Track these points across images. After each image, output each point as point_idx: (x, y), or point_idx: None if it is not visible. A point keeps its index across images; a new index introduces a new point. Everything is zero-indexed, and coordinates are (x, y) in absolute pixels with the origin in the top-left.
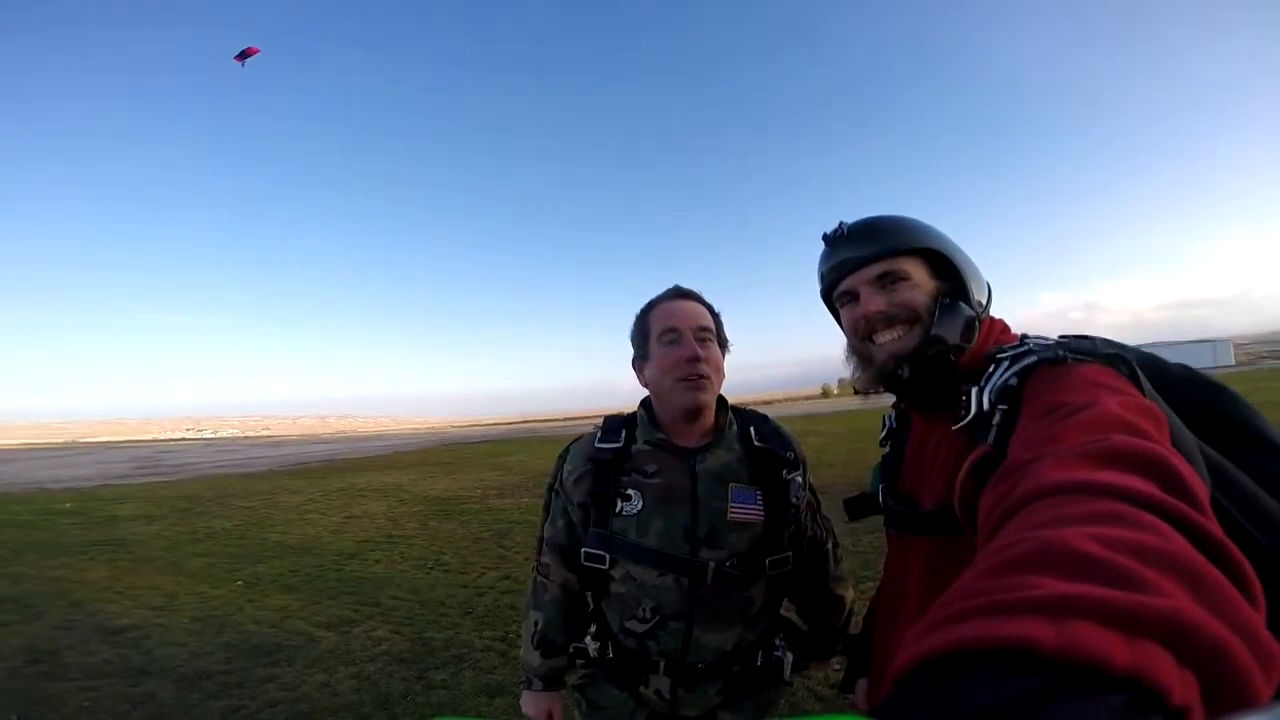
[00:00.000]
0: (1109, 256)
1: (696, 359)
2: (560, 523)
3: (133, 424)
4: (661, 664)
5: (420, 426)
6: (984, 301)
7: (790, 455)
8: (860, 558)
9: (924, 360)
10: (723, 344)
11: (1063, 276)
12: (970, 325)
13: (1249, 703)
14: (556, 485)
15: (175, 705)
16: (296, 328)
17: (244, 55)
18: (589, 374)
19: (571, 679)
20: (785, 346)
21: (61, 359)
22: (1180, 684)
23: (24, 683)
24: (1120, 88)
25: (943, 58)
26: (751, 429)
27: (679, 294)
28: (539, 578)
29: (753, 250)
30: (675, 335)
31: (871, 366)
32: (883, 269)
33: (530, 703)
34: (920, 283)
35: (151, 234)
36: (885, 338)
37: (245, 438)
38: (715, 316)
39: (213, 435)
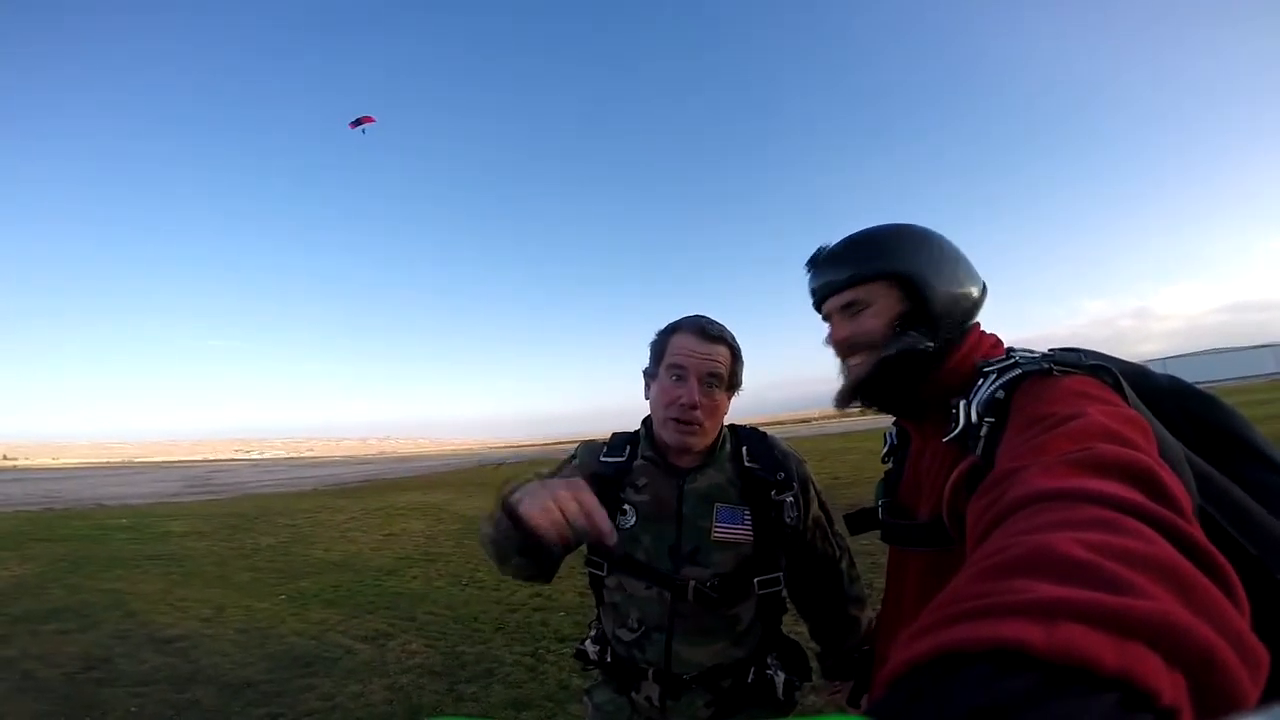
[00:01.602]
0: (1158, 261)
1: (694, 406)
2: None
3: (185, 445)
4: (650, 671)
5: (459, 448)
6: (968, 306)
7: (780, 476)
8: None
9: (875, 385)
10: (734, 385)
11: (1109, 284)
12: (912, 356)
13: (1236, 703)
14: (569, 465)
15: (217, 712)
16: (340, 352)
17: (359, 123)
18: (625, 395)
19: (583, 684)
20: (825, 361)
21: (120, 382)
22: (1170, 684)
23: (77, 688)
24: (1166, 84)
25: (978, 58)
26: (744, 449)
27: (703, 333)
28: None
29: (793, 260)
30: (682, 374)
31: (844, 386)
32: (848, 298)
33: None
34: (883, 309)
35: (197, 259)
36: (853, 362)
37: (290, 459)
38: (735, 358)
39: (259, 456)
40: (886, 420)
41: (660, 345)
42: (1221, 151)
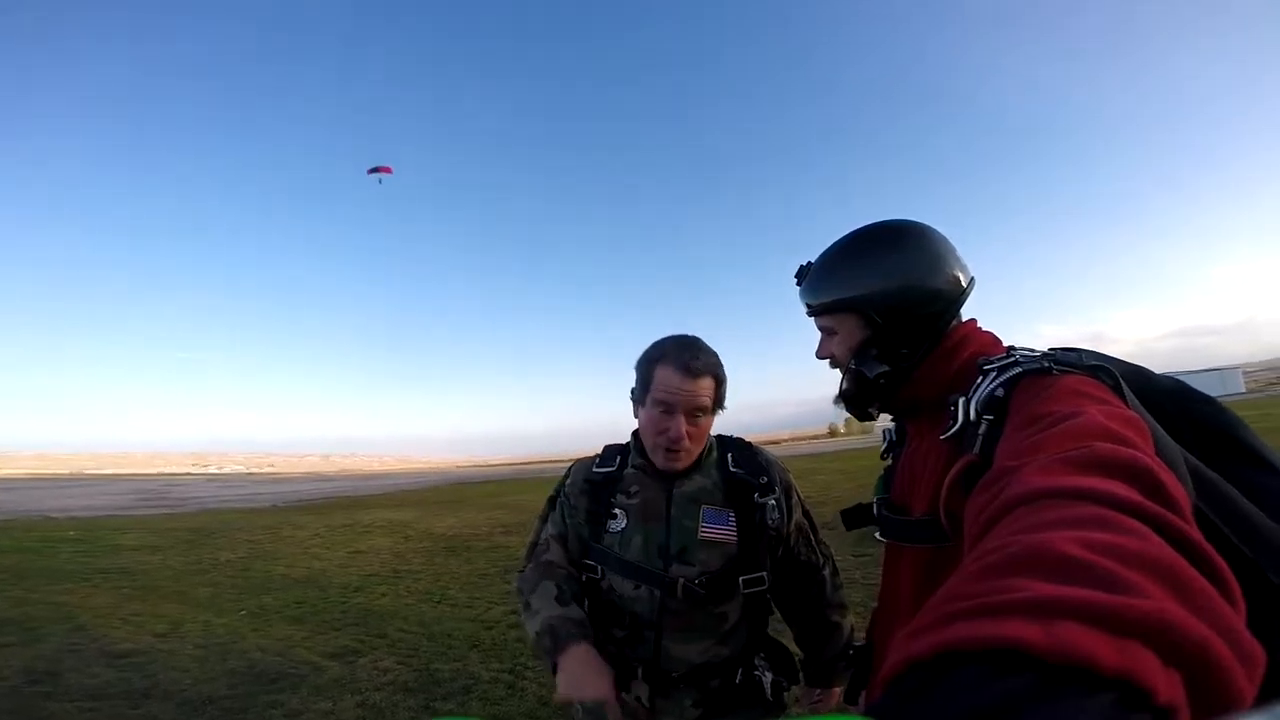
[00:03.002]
0: (1110, 286)
1: (680, 439)
2: (566, 523)
3: (138, 457)
4: (640, 669)
5: (425, 466)
6: (942, 307)
7: (763, 480)
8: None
9: (854, 402)
10: (718, 407)
11: (1063, 308)
12: (864, 383)
13: (1232, 701)
14: (560, 495)
15: None
16: (303, 365)
17: (376, 170)
18: (595, 414)
19: None
20: (790, 385)
21: (67, 390)
22: (1166, 683)
23: (24, 701)
24: (1109, 111)
25: (922, 85)
26: (729, 456)
27: (688, 370)
28: (542, 562)
29: (757, 287)
30: (669, 409)
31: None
32: (820, 324)
33: (583, 657)
34: (845, 338)
35: (154, 266)
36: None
37: (250, 474)
38: (719, 384)
39: (218, 471)
40: (852, 443)
41: (646, 375)
42: (1172, 179)
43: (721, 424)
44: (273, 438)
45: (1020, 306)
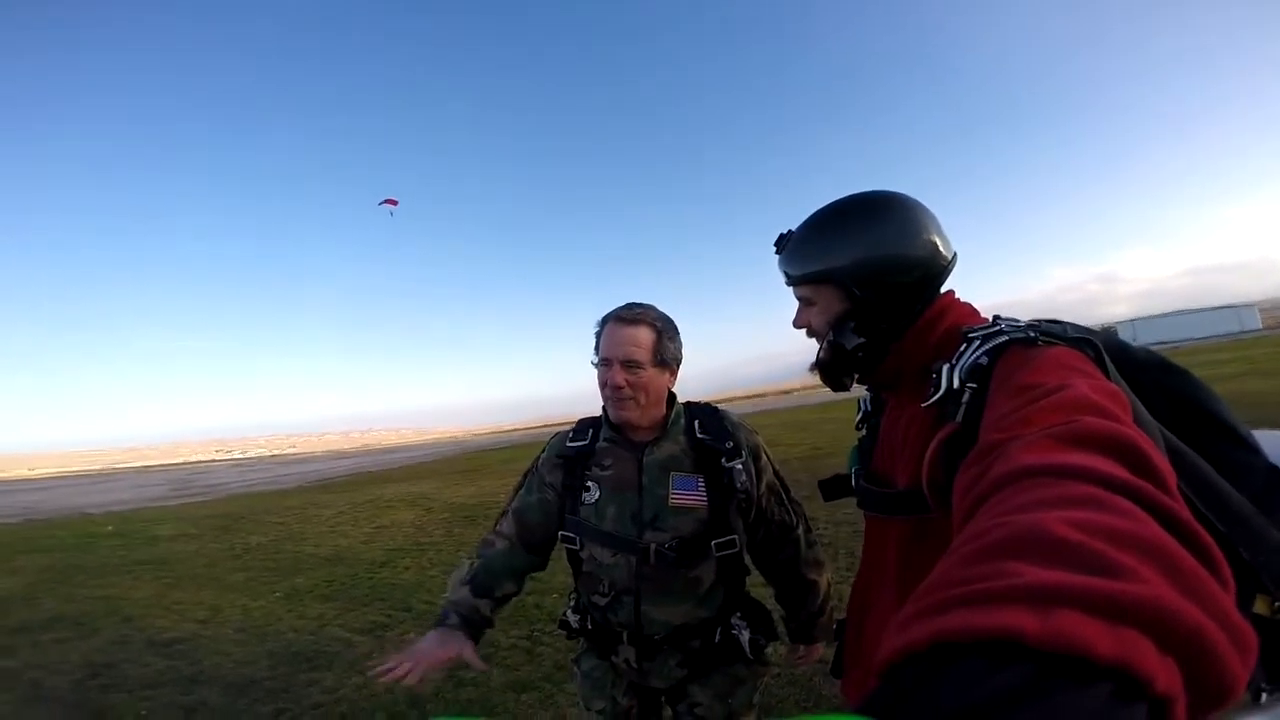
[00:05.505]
0: (1122, 228)
1: (619, 387)
2: (533, 497)
3: (164, 448)
4: (624, 634)
5: (443, 436)
6: (921, 280)
7: (729, 445)
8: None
9: (830, 372)
10: (666, 362)
11: (1074, 251)
12: (841, 354)
13: (1227, 687)
14: (535, 467)
15: (226, 711)
16: (320, 347)
17: (385, 202)
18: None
19: (572, 654)
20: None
21: (93, 389)
22: (1163, 672)
23: (85, 695)
24: (1128, 57)
25: (945, 31)
26: (696, 422)
27: (622, 319)
28: (489, 535)
29: (764, 237)
30: (606, 363)
31: (810, 366)
32: (799, 294)
33: (436, 638)
34: (824, 309)
35: (167, 261)
36: (818, 345)
37: (273, 456)
38: (660, 334)
39: (241, 455)
40: (864, 392)
41: (596, 337)
42: (1183, 124)
43: (733, 374)
44: (292, 418)
45: (1031, 249)
